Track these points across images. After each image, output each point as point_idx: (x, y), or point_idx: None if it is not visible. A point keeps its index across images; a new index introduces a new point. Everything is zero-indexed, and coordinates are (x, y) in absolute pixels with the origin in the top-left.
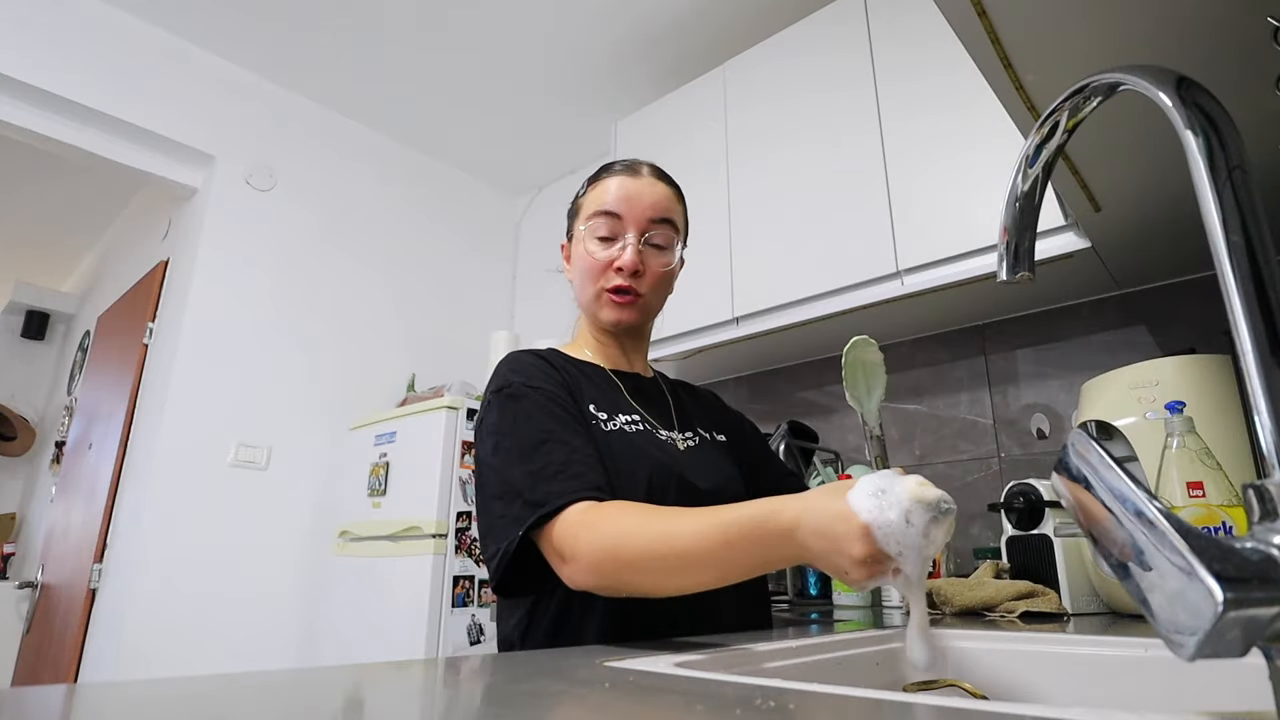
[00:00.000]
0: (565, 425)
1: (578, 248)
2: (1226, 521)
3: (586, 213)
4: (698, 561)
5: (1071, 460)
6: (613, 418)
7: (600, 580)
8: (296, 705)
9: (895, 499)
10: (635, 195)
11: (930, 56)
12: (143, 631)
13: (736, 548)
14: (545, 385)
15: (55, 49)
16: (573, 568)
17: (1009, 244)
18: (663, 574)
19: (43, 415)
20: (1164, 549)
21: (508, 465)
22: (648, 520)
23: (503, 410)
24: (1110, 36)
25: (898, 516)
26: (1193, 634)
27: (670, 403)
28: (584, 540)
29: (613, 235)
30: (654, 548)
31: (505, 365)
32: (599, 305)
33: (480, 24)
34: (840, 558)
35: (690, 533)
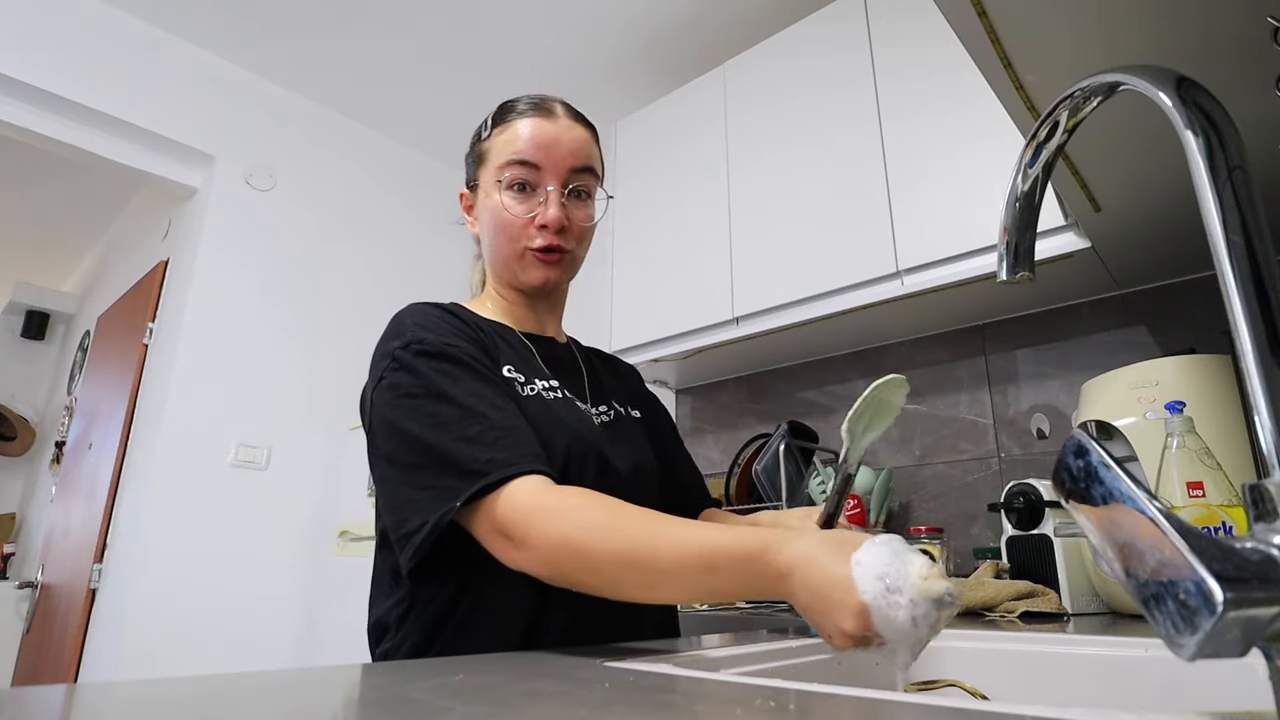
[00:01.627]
0: (495, 388)
1: (487, 200)
2: (1226, 521)
3: (497, 161)
4: (673, 580)
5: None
6: (530, 381)
7: (552, 573)
8: (296, 705)
9: (902, 592)
10: (553, 141)
11: (930, 56)
12: (143, 631)
13: (719, 575)
14: (461, 343)
15: (55, 49)
16: (523, 555)
17: (1009, 244)
18: (629, 584)
19: (43, 415)
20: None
21: (433, 430)
22: (621, 521)
23: (416, 369)
24: (1110, 36)
25: (902, 615)
26: (1193, 634)
27: (584, 373)
28: (539, 526)
29: (529, 185)
30: (627, 555)
31: (408, 318)
32: (521, 265)
33: (480, 25)
34: (828, 623)
35: (671, 548)
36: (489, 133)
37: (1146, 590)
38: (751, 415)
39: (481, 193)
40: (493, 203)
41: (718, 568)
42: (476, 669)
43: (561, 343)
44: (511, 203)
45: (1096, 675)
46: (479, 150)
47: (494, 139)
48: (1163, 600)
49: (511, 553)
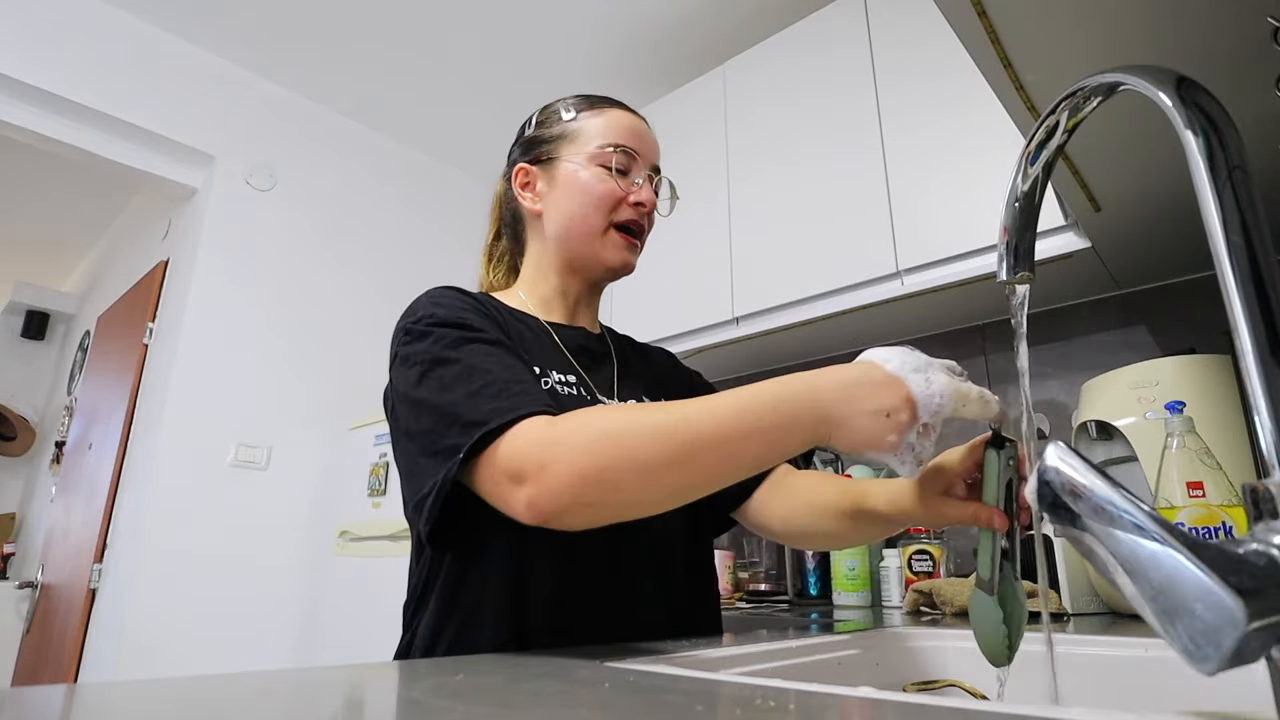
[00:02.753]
0: (505, 350)
1: (575, 174)
2: (1226, 521)
3: (595, 140)
4: (715, 447)
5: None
6: (545, 374)
7: (580, 492)
8: (296, 705)
9: (927, 369)
10: (645, 136)
11: (931, 56)
12: (143, 631)
13: (759, 421)
14: (476, 320)
15: (55, 49)
16: (539, 482)
17: (1009, 244)
18: (671, 469)
19: (43, 415)
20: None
21: (439, 393)
22: (643, 412)
23: (424, 339)
24: (1110, 36)
25: (935, 384)
26: (1217, 650)
27: (614, 365)
28: (558, 442)
29: (626, 169)
30: (664, 436)
31: (424, 298)
32: (603, 244)
33: (480, 25)
34: (870, 413)
35: (705, 412)
36: (575, 115)
37: (1156, 605)
38: None
39: (563, 169)
40: (586, 175)
41: (751, 410)
42: (476, 669)
43: (594, 333)
44: (610, 176)
45: (1096, 675)
46: (562, 129)
47: (586, 120)
48: (1176, 616)
49: (525, 490)
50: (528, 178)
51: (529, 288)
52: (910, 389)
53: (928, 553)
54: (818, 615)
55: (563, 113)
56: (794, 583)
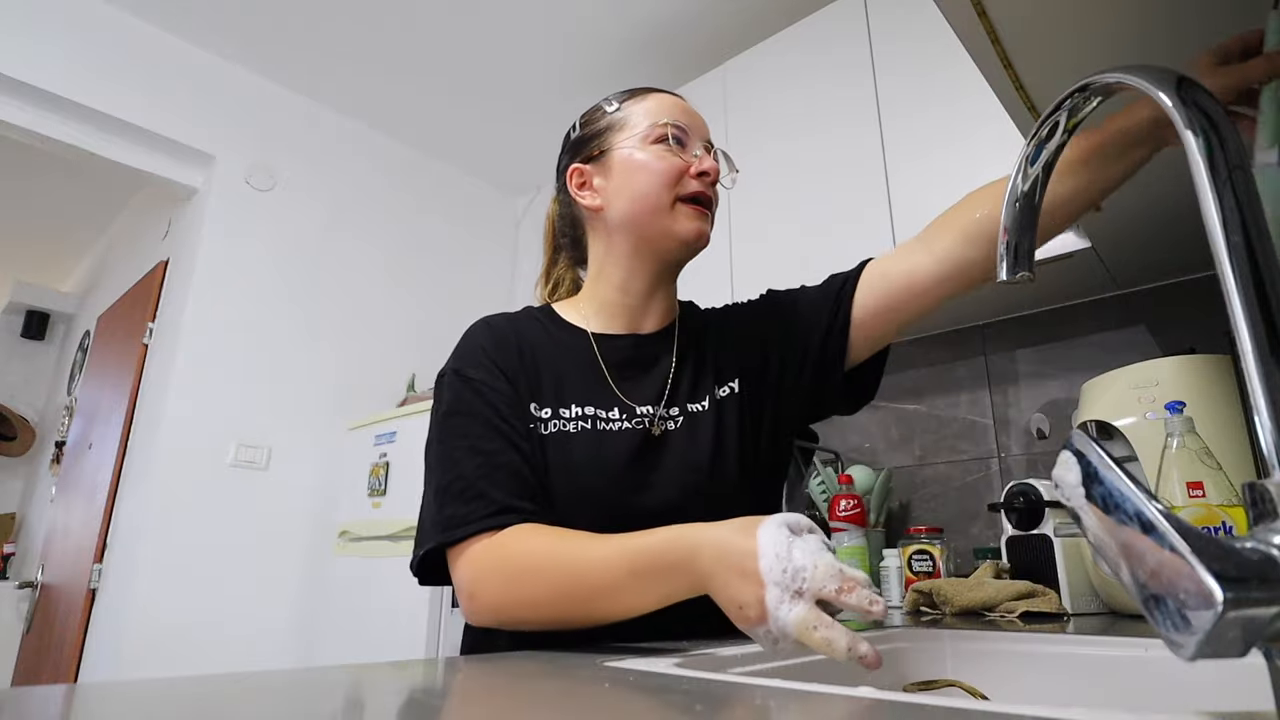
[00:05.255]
0: (487, 426)
1: (632, 156)
2: (1226, 521)
3: (644, 123)
4: (607, 596)
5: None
6: (556, 415)
7: (498, 620)
8: (296, 705)
9: (792, 617)
10: (693, 113)
11: (930, 55)
12: (143, 631)
13: (644, 577)
14: (480, 375)
15: (56, 49)
16: (472, 607)
17: (1009, 244)
18: (570, 613)
19: (43, 415)
20: (1164, 549)
21: (431, 468)
22: (554, 560)
23: (438, 400)
24: (1110, 36)
25: (786, 628)
26: (1193, 634)
27: (671, 367)
28: (481, 581)
29: (683, 143)
30: (561, 588)
31: (463, 339)
32: (673, 217)
33: (480, 24)
34: (726, 595)
35: (600, 564)
36: (618, 106)
37: (1146, 591)
38: None
39: (618, 156)
40: (643, 155)
41: (639, 569)
42: (477, 669)
43: (653, 333)
44: (667, 151)
45: (1096, 675)
46: (609, 120)
47: (631, 108)
48: (1162, 601)
49: (463, 606)
50: (583, 177)
51: (590, 295)
52: (765, 599)
53: (928, 553)
54: None
55: (605, 108)
56: None
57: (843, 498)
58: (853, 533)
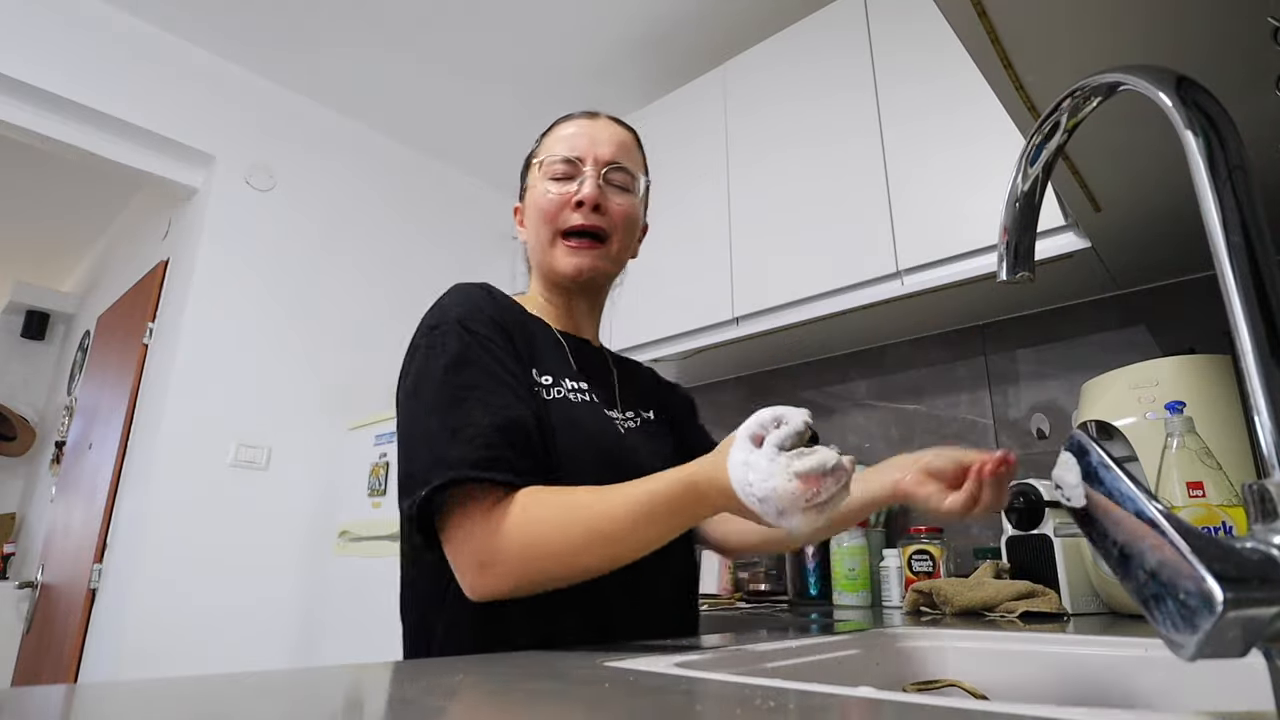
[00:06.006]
0: (497, 380)
1: (532, 195)
2: (1226, 521)
3: (543, 158)
4: (630, 538)
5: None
6: (558, 383)
7: (514, 588)
8: (296, 705)
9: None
10: (592, 136)
11: (931, 55)
12: (143, 631)
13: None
14: (486, 331)
15: (55, 49)
16: (481, 581)
17: (1009, 244)
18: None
19: (43, 415)
20: (1164, 549)
21: (422, 408)
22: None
23: (431, 351)
24: (1110, 36)
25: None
26: (1193, 634)
27: (615, 377)
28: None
29: (569, 175)
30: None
31: (448, 297)
32: (554, 253)
33: (480, 25)
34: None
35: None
36: (538, 143)
37: (1146, 590)
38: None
39: (529, 194)
40: (536, 193)
41: (655, 509)
42: (476, 669)
43: (595, 347)
44: (551, 185)
45: (1096, 675)
46: (529, 157)
47: (542, 143)
48: (1163, 600)
49: (468, 579)
50: (519, 215)
51: (534, 301)
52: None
53: (928, 553)
54: (818, 615)
55: (534, 144)
56: (794, 583)
57: None
58: (853, 533)
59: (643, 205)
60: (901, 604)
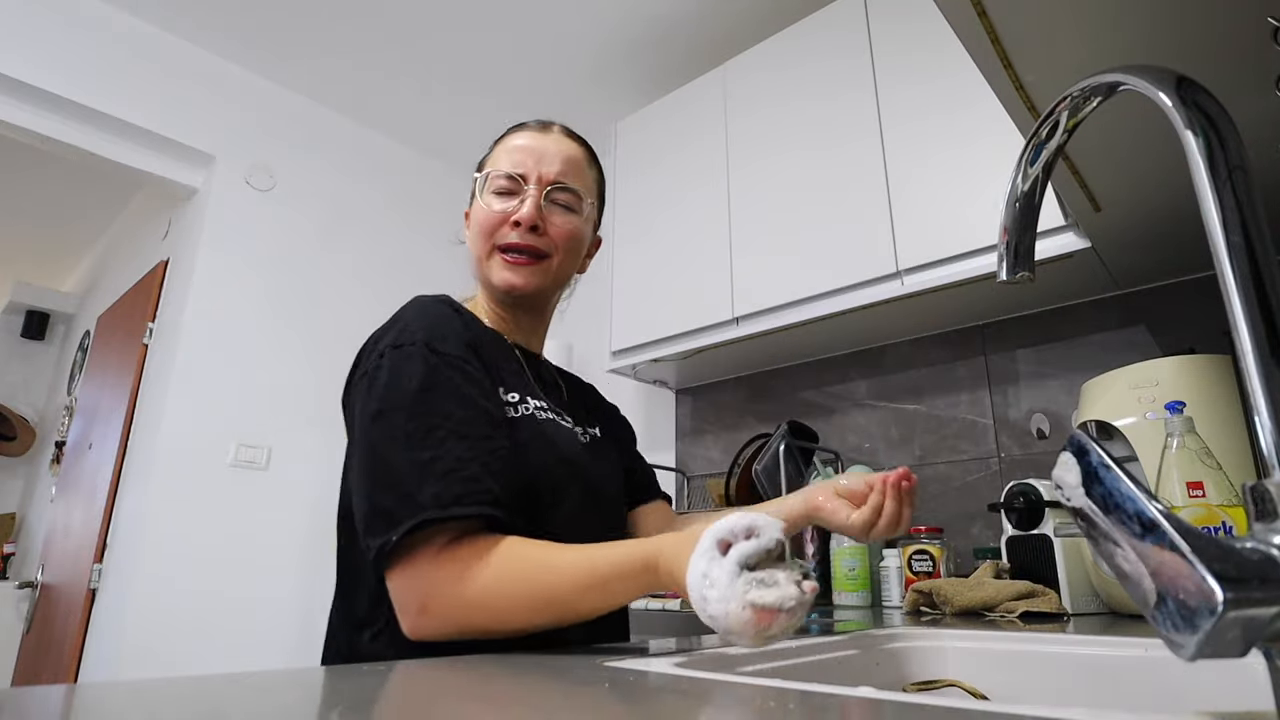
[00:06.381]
0: (471, 405)
1: (475, 206)
2: (1226, 521)
3: (488, 170)
4: (574, 605)
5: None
6: (523, 400)
7: (451, 634)
8: (296, 705)
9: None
10: (541, 150)
11: (930, 55)
12: (143, 631)
13: (612, 589)
14: (455, 351)
15: (55, 49)
16: (419, 622)
17: (1009, 244)
18: (536, 621)
19: (43, 415)
20: (1164, 549)
21: (390, 439)
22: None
23: (395, 371)
24: (1110, 36)
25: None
26: (1193, 634)
27: (563, 391)
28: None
29: (512, 190)
30: (530, 599)
31: (410, 313)
32: (490, 267)
33: (479, 25)
34: None
35: (569, 576)
36: (490, 150)
37: (1146, 590)
38: (751, 415)
39: (473, 203)
40: (478, 207)
41: (608, 577)
42: (476, 669)
43: (543, 361)
44: (493, 200)
45: (1096, 675)
46: (479, 166)
47: (493, 153)
48: (1163, 600)
49: (406, 620)
50: (467, 220)
51: (484, 310)
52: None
53: (927, 553)
54: (818, 615)
55: (485, 152)
56: None
57: None
58: None
59: (591, 223)
60: (901, 604)
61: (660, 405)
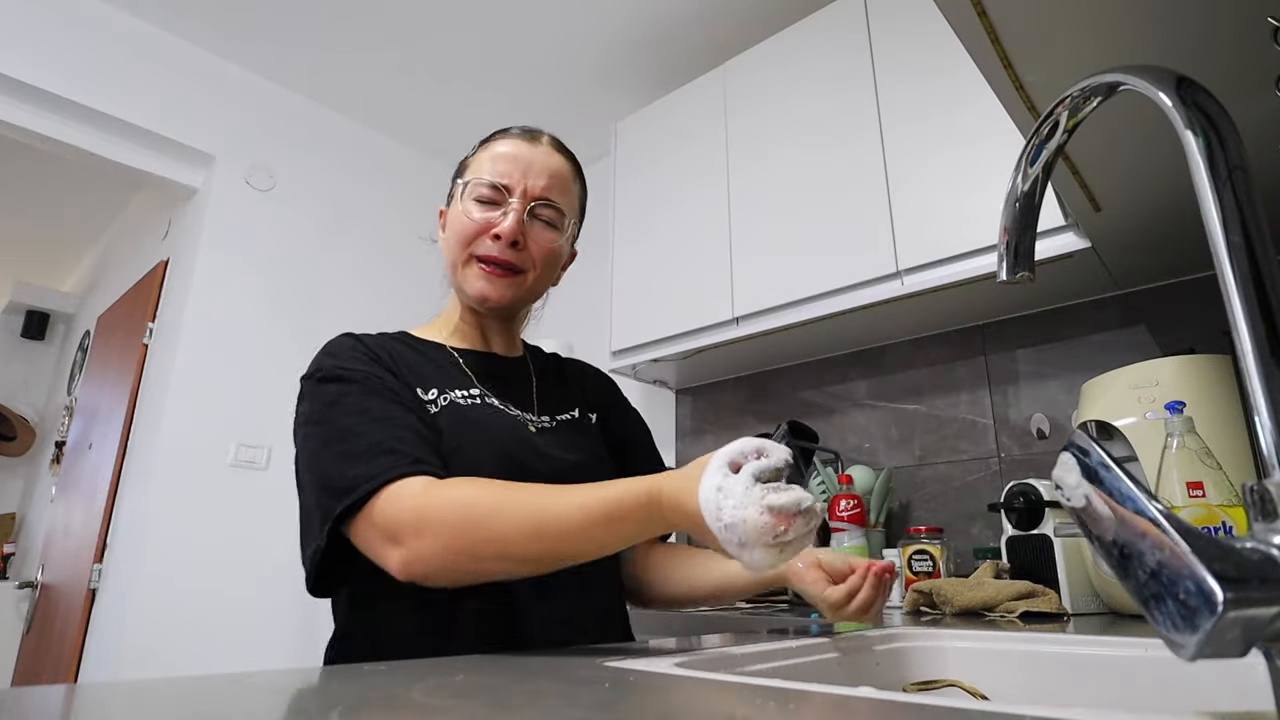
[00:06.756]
0: (384, 400)
1: (454, 210)
2: (1226, 521)
3: (470, 176)
4: (581, 538)
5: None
6: (444, 393)
7: (452, 562)
8: (296, 705)
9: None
10: (528, 164)
11: (930, 55)
12: (143, 631)
13: (623, 523)
14: (361, 367)
15: (56, 49)
16: (411, 548)
17: (1009, 244)
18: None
19: (43, 415)
20: (1164, 549)
21: (316, 455)
22: (517, 495)
23: (312, 397)
24: (1110, 36)
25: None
26: (1193, 634)
27: (533, 384)
28: (431, 513)
29: (495, 201)
30: (533, 524)
31: (322, 350)
32: (465, 275)
33: (479, 25)
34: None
35: (577, 508)
36: (474, 151)
37: (1146, 590)
38: (751, 415)
39: (451, 207)
40: (457, 212)
41: (611, 514)
42: (476, 669)
43: (511, 356)
44: (474, 208)
45: (1096, 675)
46: (460, 167)
47: (476, 156)
48: (1163, 600)
49: (399, 551)
50: (442, 220)
51: (445, 321)
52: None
53: (927, 553)
54: (818, 615)
55: (468, 152)
56: None
57: (843, 498)
58: (853, 533)
59: (570, 240)
60: (901, 604)
61: (660, 405)
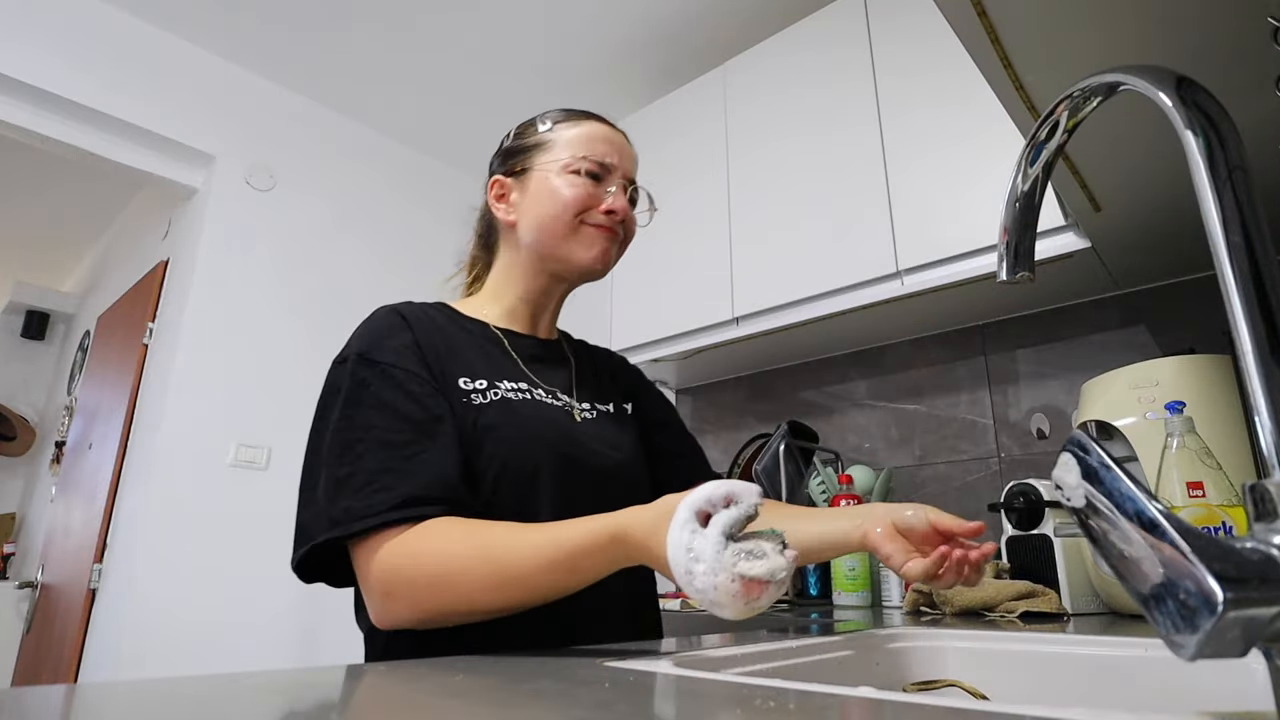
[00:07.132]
0: (396, 417)
1: (548, 180)
2: (1226, 521)
3: (569, 151)
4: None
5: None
6: (493, 385)
7: (419, 618)
8: (296, 705)
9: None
10: (622, 149)
11: (930, 56)
12: (143, 631)
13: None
14: (390, 359)
15: (55, 49)
16: (384, 607)
17: (1009, 244)
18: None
19: (43, 415)
20: (1164, 549)
21: (317, 463)
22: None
23: (335, 387)
24: (1110, 36)
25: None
26: (1193, 634)
27: (573, 369)
28: (402, 575)
29: (599, 177)
30: (495, 578)
31: (362, 326)
32: (577, 239)
33: (480, 24)
34: None
35: (533, 557)
36: (550, 125)
37: (1146, 590)
38: (751, 415)
39: (536, 177)
40: (558, 182)
41: (573, 554)
42: (477, 669)
43: (550, 340)
44: (584, 180)
45: (1096, 675)
46: (538, 139)
47: (561, 131)
48: (1163, 600)
49: (376, 610)
50: (503, 189)
51: (492, 298)
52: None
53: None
54: (818, 615)
55: (539, 125)
56: (794, 583)
57: (843, 498)
58: None
59: None
60: (901, 604)
61: None
